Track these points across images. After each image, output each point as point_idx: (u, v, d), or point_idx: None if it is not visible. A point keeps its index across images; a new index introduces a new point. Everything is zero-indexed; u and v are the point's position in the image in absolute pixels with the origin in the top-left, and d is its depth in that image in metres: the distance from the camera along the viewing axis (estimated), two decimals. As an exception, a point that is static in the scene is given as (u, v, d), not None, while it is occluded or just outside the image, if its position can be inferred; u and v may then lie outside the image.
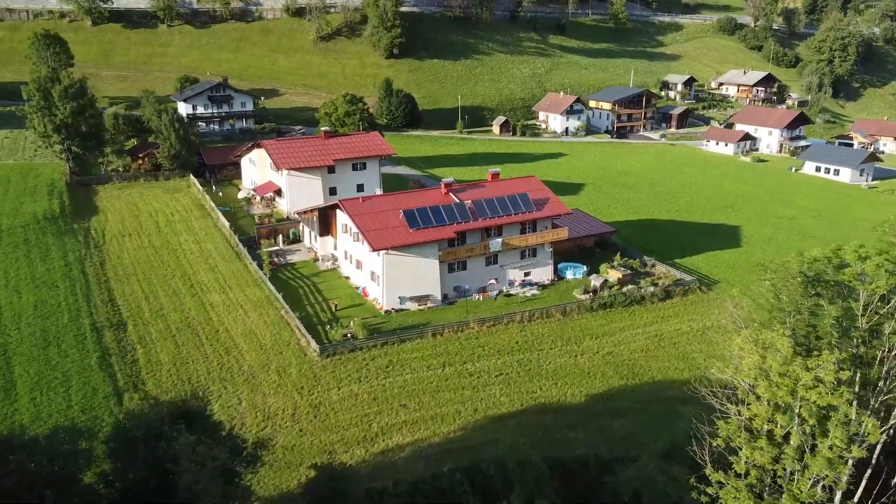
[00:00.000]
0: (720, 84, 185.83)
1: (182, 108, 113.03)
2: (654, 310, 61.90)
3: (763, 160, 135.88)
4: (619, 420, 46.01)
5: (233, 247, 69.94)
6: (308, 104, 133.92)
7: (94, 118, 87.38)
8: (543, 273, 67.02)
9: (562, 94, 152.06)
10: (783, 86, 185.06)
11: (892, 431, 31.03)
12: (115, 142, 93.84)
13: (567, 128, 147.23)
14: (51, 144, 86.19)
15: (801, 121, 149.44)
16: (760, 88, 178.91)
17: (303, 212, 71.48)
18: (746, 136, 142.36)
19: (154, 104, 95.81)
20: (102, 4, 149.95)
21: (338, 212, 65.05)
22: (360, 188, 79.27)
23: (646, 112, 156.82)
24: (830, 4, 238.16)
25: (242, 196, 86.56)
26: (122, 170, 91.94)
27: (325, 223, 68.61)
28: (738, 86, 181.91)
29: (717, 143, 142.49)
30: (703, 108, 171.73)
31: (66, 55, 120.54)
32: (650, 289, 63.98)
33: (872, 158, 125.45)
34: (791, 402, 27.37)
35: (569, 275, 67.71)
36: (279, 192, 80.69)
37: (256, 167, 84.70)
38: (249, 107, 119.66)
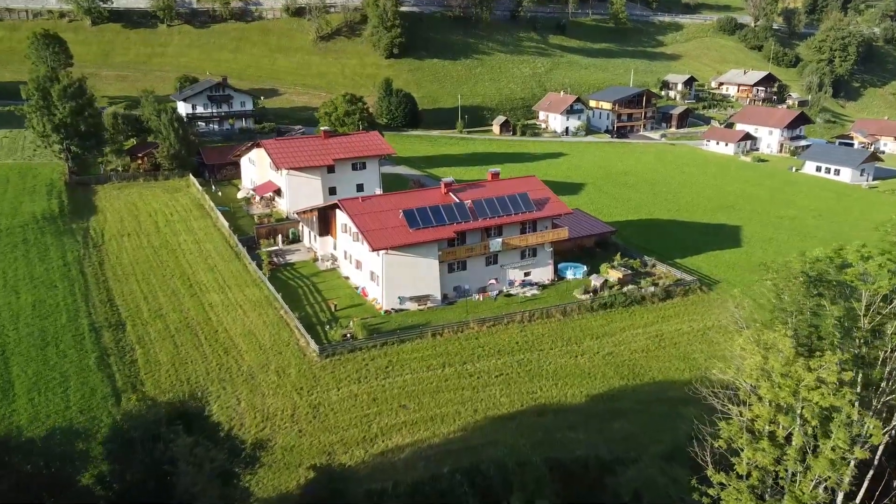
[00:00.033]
0: (720, 84, 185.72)
1: (181, 108, 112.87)
2: (655, 310, 61.76)
3: (763, 160, 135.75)
4: (620, 421, 45.83)
5: (232, 247, 69.77)
6: (308, 104, 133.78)
7: (93, 118, 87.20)
8: (543, 273, 66.85)
9: (562, 94, 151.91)
10: (783, 85, 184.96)
11: (895, 432, 30.84)
12: (115, 141, 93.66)
13: (567, 127, 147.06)
14: (50, 144, 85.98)
15: (802, 120, 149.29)
16: (761, 88, 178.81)
17: (302, 211, 71.33)
18: (747, 136, 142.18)
19: (153, 104, 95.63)
20: (102, 4, 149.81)
21: (337, 211, 64.90)
22: (360, 188, 79.10)
23: (646, 112, 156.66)
24: (830, 4, 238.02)
25: (242, 196, 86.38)
26: (122, 169, 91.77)
27: (325, 223, 68.47)
28: (739, 85, 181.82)
29: (718, 143, 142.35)
30: (704, 108, 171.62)
31: (66, 55, 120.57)
32: (651, 289, 63.83)
33: (873, 158, 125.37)
34: (793, 403, 27.18)
35: (569, 275, 67.55)
36: (279, 192, 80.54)
37: (256, 167, 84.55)
38: (249, 106, 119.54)
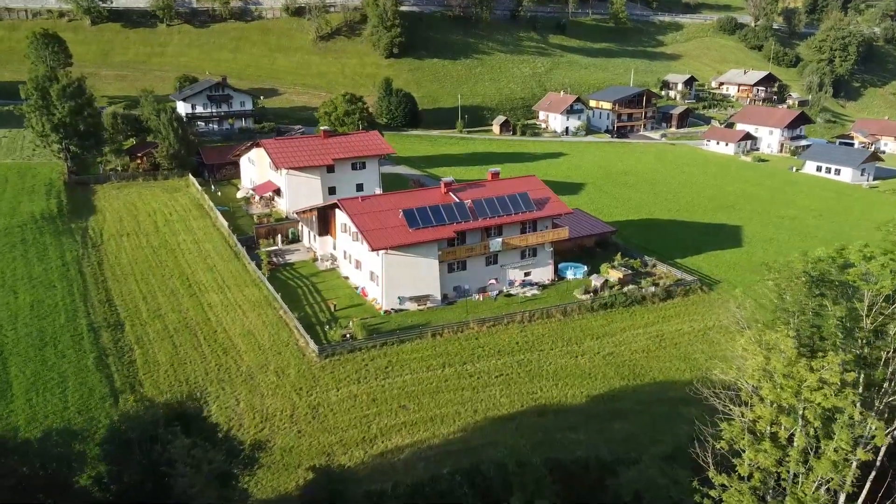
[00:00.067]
0: (720, 84, 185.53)
1: (181, 108, 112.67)
2: (655, 310, 61.57)
3: (764, 160, 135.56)
4: (620, 421, 45.67)
5: (231, 246, 69.57)
6: (307, 104, 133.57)
7: (93, 117, 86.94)
8: (544, 273, 66.67)
9: (562, 94, 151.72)
10: (784, 85, 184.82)
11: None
12: (114, 141, 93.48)
13: (567, 127, 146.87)
14: (49, 144, 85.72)
15: (802, 120, 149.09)
16: (761, 88, 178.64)
17: (302, 211, 71.15)
18: (747, 136, 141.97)
19: (153, 103, 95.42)
20: (101, 4, 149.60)
21: (337, 211, 64.71)
22: (360, 188, 78.89)
23: (646, 112, 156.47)
24: (831, 4, 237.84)
25: (241, 195, 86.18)
26: (121, 169, 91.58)
27: (325, 223, 68.29)
28: (739, 85, 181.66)
29: (718, 143, 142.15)
30: (704, 108, 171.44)
31: (65, 54, 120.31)
32: (651, 289, 63.65)
33: (873, 158, 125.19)
34: (795, 404, 27.00)
35: (569, 275, 67.37)
36: (278, 192, 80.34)
37: (255, 167, 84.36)
38: (249, 106, 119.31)
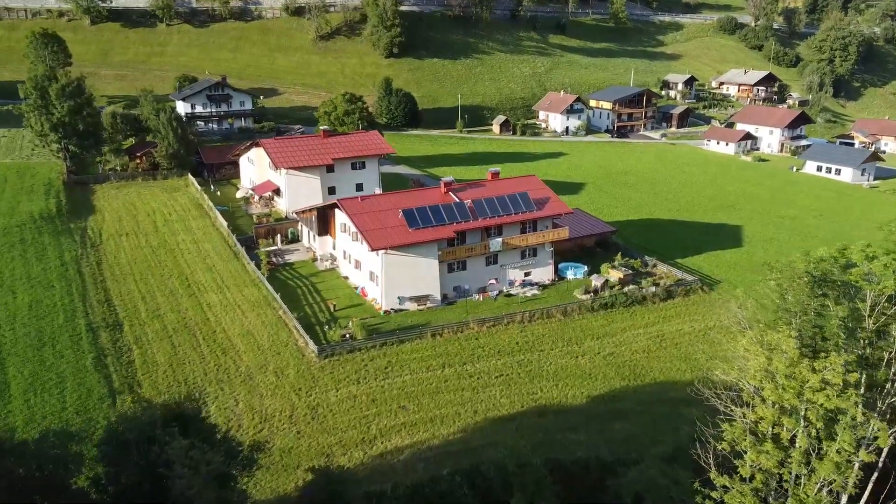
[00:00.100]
0: (721, 83, 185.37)
1: (181, 108, 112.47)
2: (656, 310, 61.39)
3: (764, 160, 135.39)
4: (621, 422, 45.48)
5: (231, 246, 69.39)
6: (307, 103, 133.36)
7: (92, 117, 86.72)
8: (544, 273, 66.49)
9: (562, 94, 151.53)
10: (784, 85, 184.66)
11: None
12: (113, 141, 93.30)
13: (567, 127, 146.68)
14: (48, 143, 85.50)
15: (802, 120, 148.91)
16: (761, 88, 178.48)
17: (301, 211, 70.97)
18: (747, 136, 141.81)
19: (152, 103, 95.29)
20: (101, 3, 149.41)
21: (336, 211, 64.53)
22: (359, 187, 78.73)
23: (646, 111, 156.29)
24: (831, 4, 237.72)
25: (241, 195, 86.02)
26: (120, 169, 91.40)
27: (324, 222, 68.11)
28: (739, 85, 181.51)
29: (718, 143, 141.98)
30: (704, 108, 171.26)
31: (65, 54, 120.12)
32: (651, 289, 63.47)
33: (874, 158, 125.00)
34: (797, 405, 26.81)
35: (569, 275, 67.19)
36: (278, 192, 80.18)
37: (255, 166, 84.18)
38: (248, 106, 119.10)
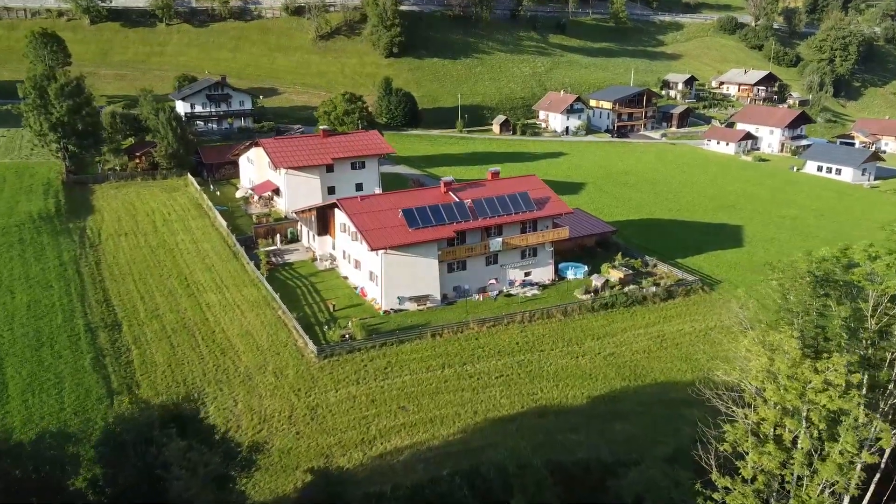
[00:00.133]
0: (721, 83, 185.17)
1: (180, 107, 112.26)
2: (656, 310, 61.19)
3: (764, 159, 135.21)
4: (622, 423, 45.28)
5: (230, 246, 69.20)
6: (307, 103, 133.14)
7: (91, 116, 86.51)
8: (544, 273, 66.30)
9: (562, 93, 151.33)
10: (784, 85, 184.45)
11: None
12: (113, 140, 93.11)
13: (567, 127, 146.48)
14: (47, 143, 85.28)
15: (803, 120, 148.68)
16: (761, 88, 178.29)
17: (301, 211, 70.79)
18: (748, 136, 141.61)
19: (152, 103, 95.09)
20: (101, 3, 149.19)
21: (336, 211, 64.34)
22: (359, 187, 78.55)
23: (646, 111, 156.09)
24: (831, 4, 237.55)
25: (240, 195, 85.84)
26: (119, 169, 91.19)
27: (324, 222, 67.92)
28: (739, 85, 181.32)
29: (719, 143, 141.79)
30: (704, 108, 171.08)
31: (64, 54, 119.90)
32: (652, 289, 63.28)
33: (874, 158, 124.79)
34: (800, 406, 26.64)
35: (570, 275, 67.00)
36: (277, 191, 79.99)
37: (254, 166, 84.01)
38: (248, 106, 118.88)
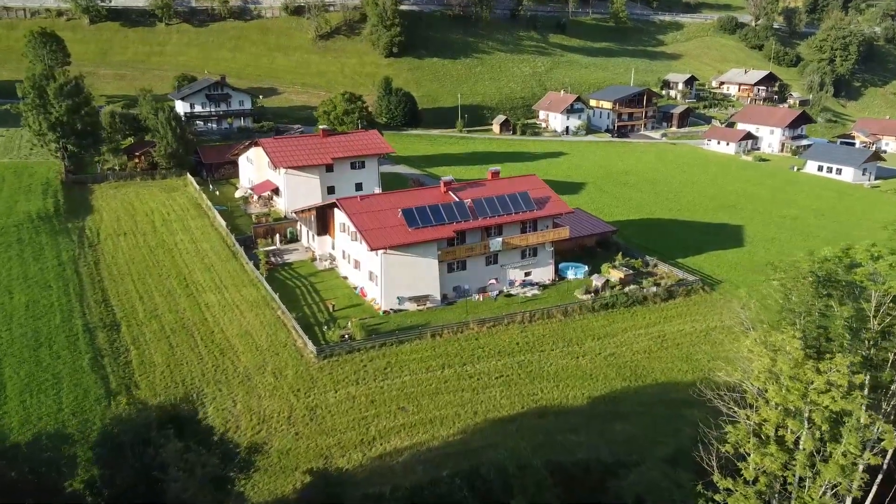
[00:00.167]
0: (721, 83, 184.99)
1: (180, 107, 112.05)
2: (657, 310, 60.99)
3: (765, 159, 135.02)
4: (622, 423, 45.08)
5: (229, 246, 69.01)
6: (307, 103, 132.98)
7: (90, 116, 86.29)
8: (544, 273, 66.11)
9: (562, 93, 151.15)
10: (784, 85, 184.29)
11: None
12: (112, 140, 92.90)
13: (567, 127, 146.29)
14: (46, 143, 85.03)
15: (803, 120, 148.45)
16: (762, 87, 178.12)
17: (300, 211, 70.60)
18: (748, 136, 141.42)
19: (151, 102, 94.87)
20: (100, 3, 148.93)
21: (336, 211, 64.15)
22: (359, 187, 78.35)
23: (647, 111, 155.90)
24: (831, 4, 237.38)
25: (240, 195, 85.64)
26: (118, 168, 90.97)
27: (323, 222, 67.74)
28: (740, 85, 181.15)
29: (719, 143, 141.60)
30: (705, 108, 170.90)
31: (63, 53, 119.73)
32: (652, 289, 63.09)
33: (875, 158, 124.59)
34: (802, 407, 26.46)
35: (570, 275, 66.81)
36: (277, 191, 79.80)
37: (254, 166, 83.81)
38: (248, 105, 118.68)
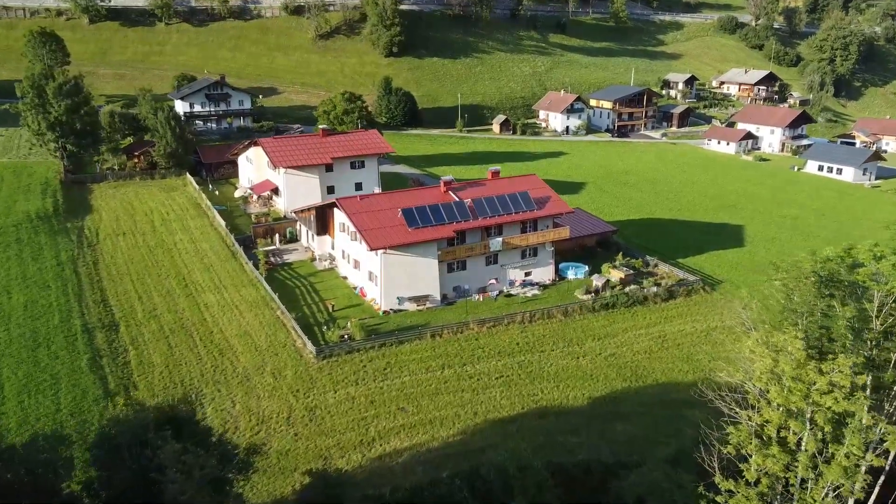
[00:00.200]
0: (721, 83, 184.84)
1: (179, 107, 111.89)
2: (658, 310, 60.82)
3: (765, 159, 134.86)
4: (623, 424, 44.91)
5: (228, 246, 68.84)
6: (306, 102, 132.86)
7: (89, 116, 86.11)
8: (544, 273, 65.95)
9: (562, 93, 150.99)
10: (785, 85, 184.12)
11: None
12: (111, 140, 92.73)
13: (568, 126, 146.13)
14: (45, 142, 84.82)
15: (803, 120, 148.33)
16: (762, 87, 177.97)
17: (300, 210, 70.43)
18: (748, 135, 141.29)
19: (151, 102, 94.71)
20: (100, 2, 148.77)
21: (335, 210, 63.99)
22: (359, 187, 78.20)
23: (647, 111, 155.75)
24: (831, 3, 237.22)
25: (239, 195, 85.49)
26: (118, 168, 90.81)
27: (323, 222, 67.57)
28: (740, 85, 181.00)
29: (719, 143, 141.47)
30: (705, 107, 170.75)
31: (63, 53, 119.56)
32: (653, 289, 62.92)
33: (875, 157, 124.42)
34: (804, 408, 26.28)
35: (570, 275, 66.64)
36: (276, 191, 79.63)
37: (253, 165, 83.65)
38: (247, 105, 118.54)
